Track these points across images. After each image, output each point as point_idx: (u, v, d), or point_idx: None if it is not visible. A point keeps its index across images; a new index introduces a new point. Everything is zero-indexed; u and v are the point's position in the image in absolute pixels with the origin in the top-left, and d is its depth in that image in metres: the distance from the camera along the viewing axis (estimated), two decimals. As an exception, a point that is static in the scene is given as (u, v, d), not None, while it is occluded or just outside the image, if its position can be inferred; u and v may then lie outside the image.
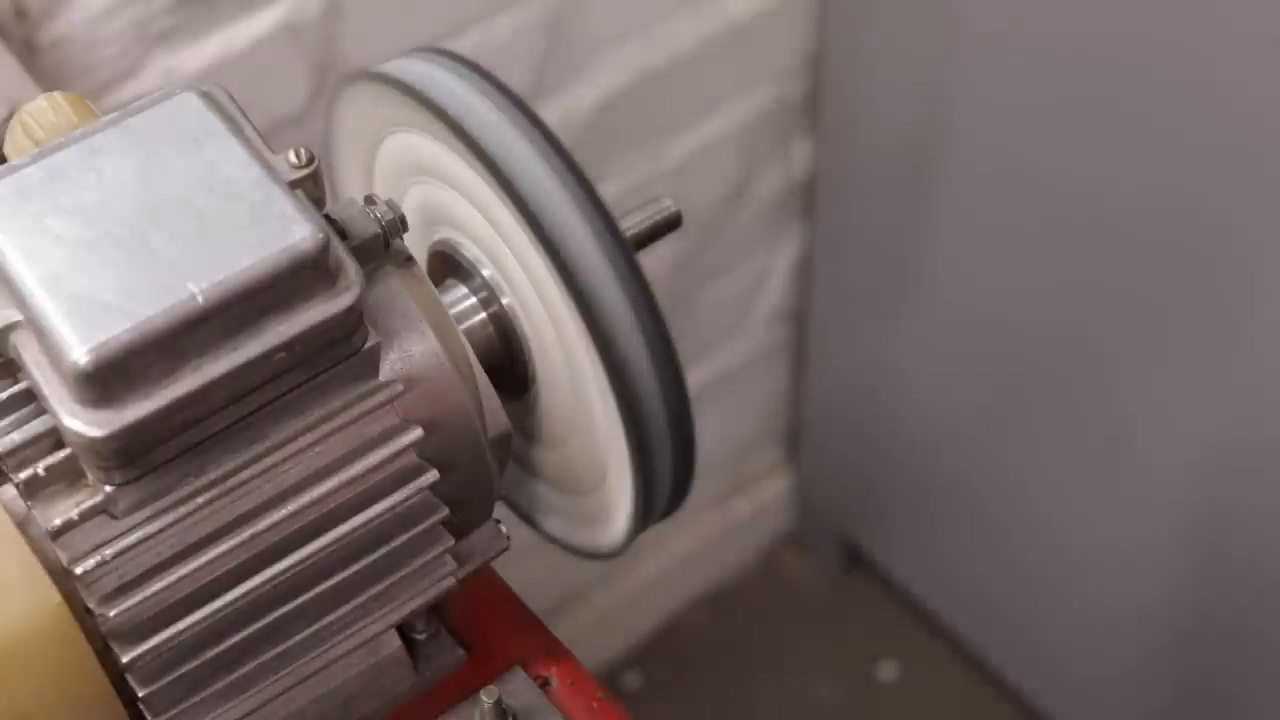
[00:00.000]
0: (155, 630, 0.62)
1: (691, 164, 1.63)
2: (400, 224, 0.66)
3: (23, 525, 0.61)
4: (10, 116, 0.69)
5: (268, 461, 0.62)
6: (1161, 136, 1.34)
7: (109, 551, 0.60)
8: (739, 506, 2.04)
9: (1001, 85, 1.45)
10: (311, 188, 0.63)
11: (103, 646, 0.62)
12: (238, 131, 0.62)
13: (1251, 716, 1.64)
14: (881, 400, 1.83)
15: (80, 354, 0.57)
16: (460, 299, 0.74)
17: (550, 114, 1.45)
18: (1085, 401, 1.58)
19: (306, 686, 0.68)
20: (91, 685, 0.63)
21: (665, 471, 0.72)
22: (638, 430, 0.69)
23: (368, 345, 0.63)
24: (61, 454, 0.60)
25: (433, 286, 0.69)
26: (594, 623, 1.96)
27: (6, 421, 0.61)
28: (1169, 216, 1.38)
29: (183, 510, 0.61)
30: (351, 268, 0.61)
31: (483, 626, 0.75)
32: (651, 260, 0.72)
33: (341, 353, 0.62)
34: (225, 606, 0.63)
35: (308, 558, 0.64)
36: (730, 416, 1.93)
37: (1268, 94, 1.23)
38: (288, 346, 0.60)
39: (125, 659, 0.62)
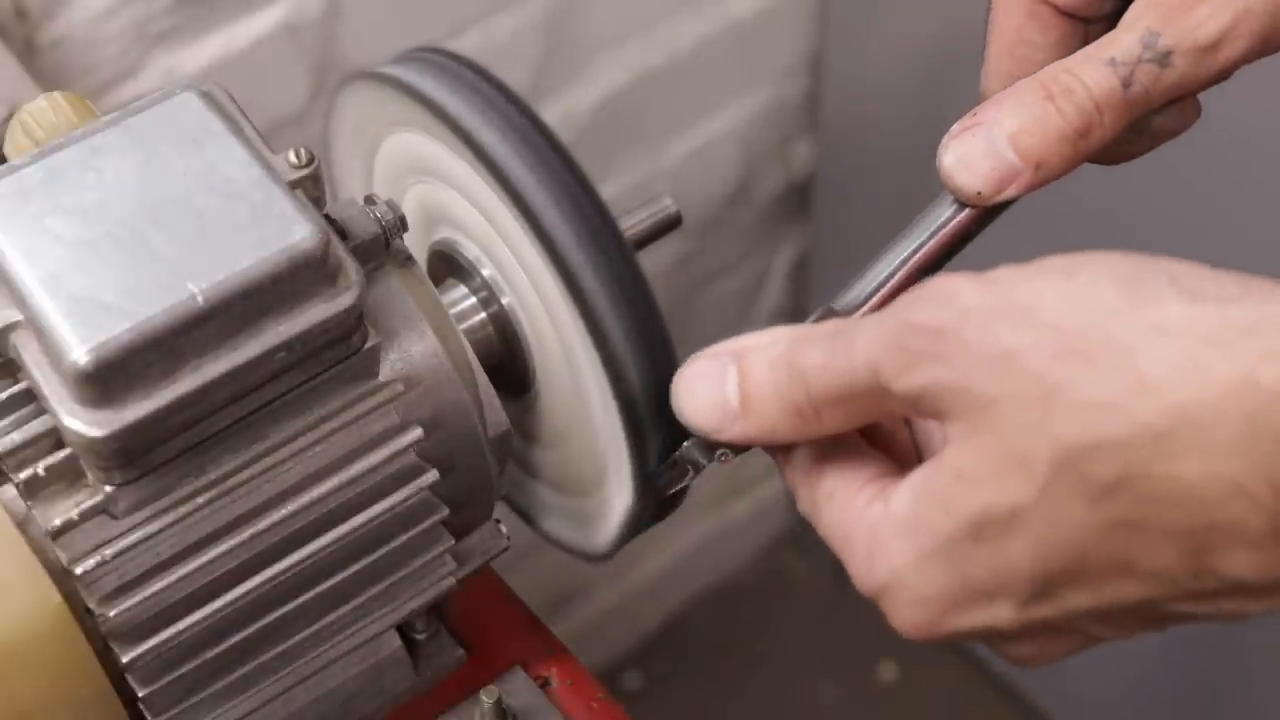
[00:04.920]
0: (155, 630, 0.62)
1: (691, 164, 1.63)
2: (400, 224, 0.66)
3: (23, 525, 0.61)
4: (10, 116, 0.69)
5: (268, 461, 0.62)
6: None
7: (109, 551, 0.60)
8: (738, 507, 2.05)
9: (1001, 85, 1.45)
10: (311, 188, 0.63)
11: (103, 646, 0.62)
12: (238, 131, 0.62)
13: (1250, 714, 1.64)
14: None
15: (80, 354, 0.57)
16: (460, 299, 0.74)
17: (550, 114, 1.45)
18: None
19: (306, 686, 0.68)
20: (91, 685, 0.63)
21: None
22: (636, 431, 0.69)
23: (368, 345, 0.63)
24: (61, 454, 0.60)
25: (433, 286, 0.69)
26: (594, 622, 1.96)
27: (6, 421, 0.61)
28: (1168, 216, 1.38)
29: (183, 510, 0.61)
30: (351, 268, 0.61)
31: (483, 626, 0.75)
32: (651, 260, 0.72)
33: (341, 353, 0.62)
34: (225, 606, 0.63)
35: (308, 558, 0.64)
36: (730, 416, 1.93)
37: (1265, 94, 1.23)
38: (288, 346, 0.60)
39: (125, 659, 0.62)
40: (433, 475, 0.66)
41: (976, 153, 0.61)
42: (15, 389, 0.61)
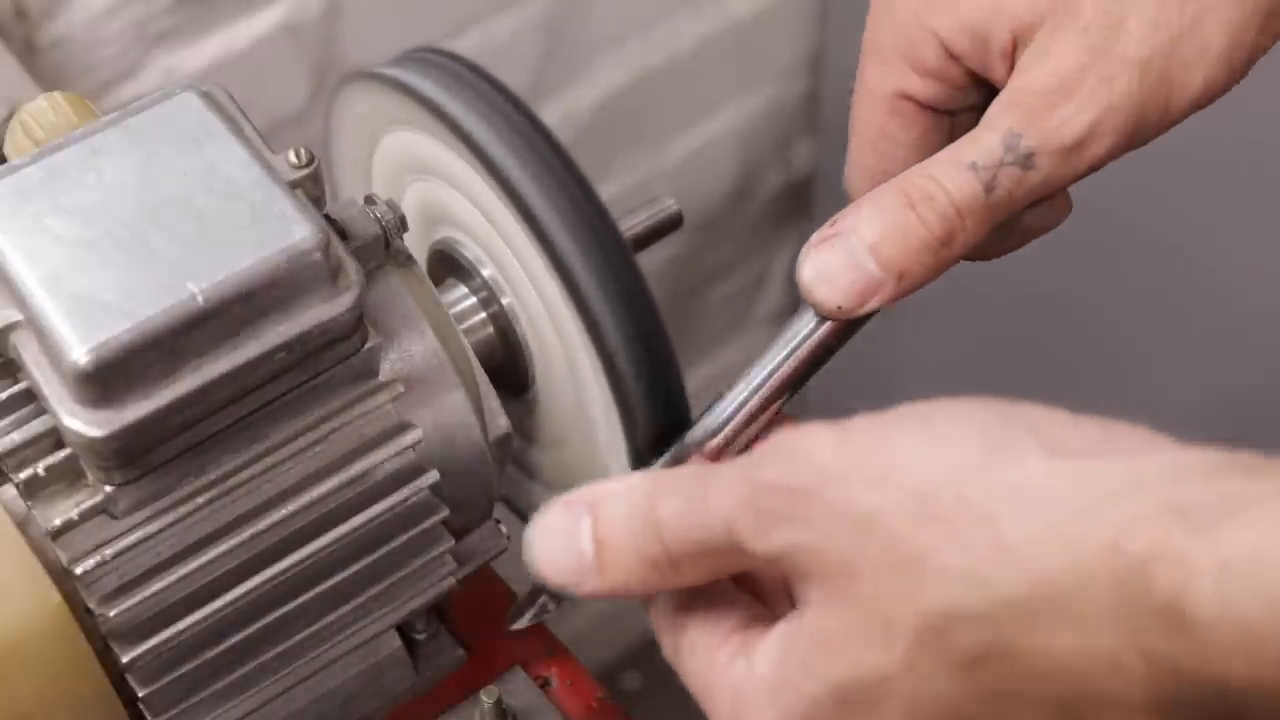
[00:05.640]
0: (155, 630, 0.62)
1: (691, 164, 1.63)
2: (400, 224, 0.66)
3: (23, 525, 0.61)
4: (10, 116, 0.69)
5: (268, 461, 0.62)
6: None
7: (109, 551, 0.60)
8: (739, 506, 2.04)
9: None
10: (311, 188, 0.63)
11: (103, 646, 0.62)
12: (238, 131, 0.62)
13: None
14: (881, 398, 1.83)
15: (80, 354, 0.57)
16: (460, 299, 0.74)
17: (550, 114, 1.45)
18: (1084, 397, 1.58)
19: (306, 686, 0.68)
20: (91, 685, 0.63)
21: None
22: (636, 432, 0.69)
23: (368, 345, 0.63)
24: (61, 454, 0.60)
25: (433, 286, 0.69)
26: (594, 623, 1.96)
27: (6, 421, 0.61)
28: (1167, 211, 1.38)
29: (183, 510, 0.61)
30: (351, 268, 0.61)
31: (483, 626, 0.75)
32: (651, 260, 0.72)
33: (341, 353, 0.62)
34: (225, 606, 0.63)
35: (308, 558, 0.64)
36: (730, 416, 1.93)
37: (1262, 95, 1.23)
38: (288, 346, 0.60)
39: (125, 659, 0.62)
40: (433, 475, 0.66)
41: (836, 265, 0.59)
42: (15, 389, 0.61)
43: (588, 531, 0.54)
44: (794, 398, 0.63)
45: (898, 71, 0.62)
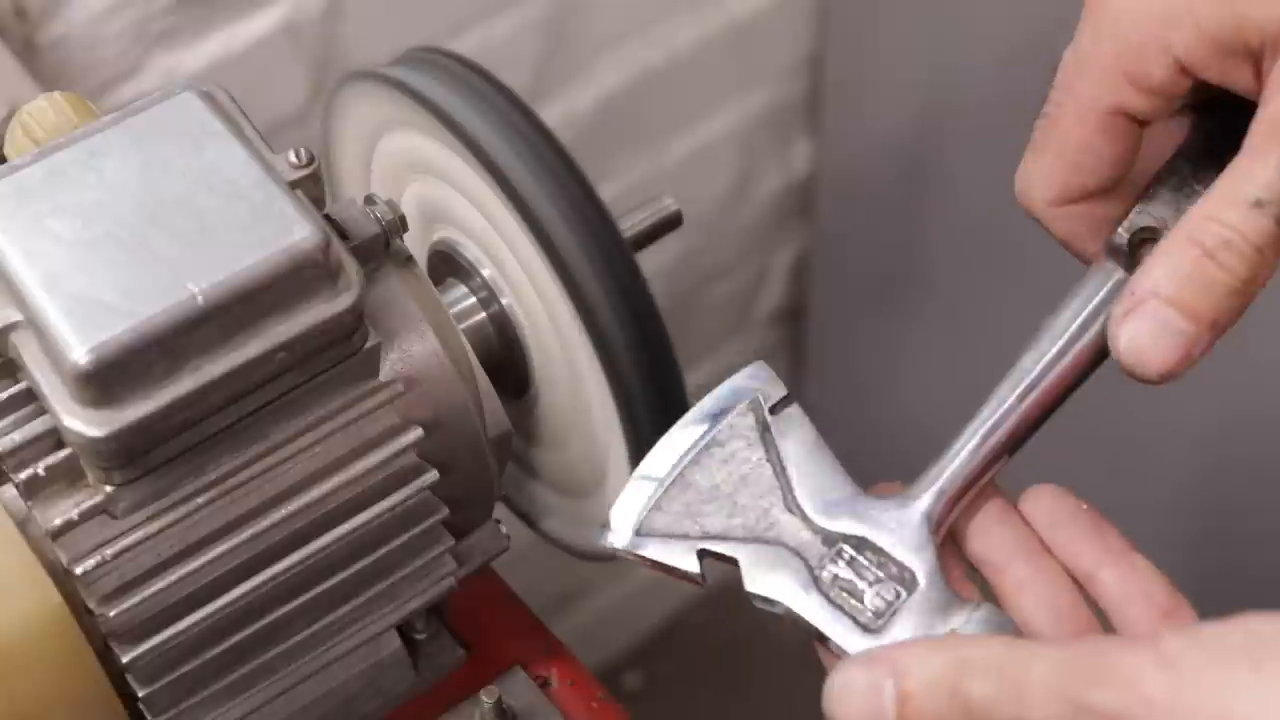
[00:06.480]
0: (155, 630, 0.62)
1: (691, 164, 1.63)
2: (400, 224, 0.66)
3: (23, 525, 0.61)
4: (10, 116, 0.69)
5: (268, 461, 0.62)
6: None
7: (109, 551, 0.60)
8: (739, 506, 2.04)
9: (1001, 84, 1.45)
10: (311, 188, 0.63)
11: (103, 646, 0.62)
12: (238, 131, 0.62)
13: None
14: (881, 400, 1.83)
15: (80, 354, 0.57)
16: (460, 299, 0.74)
17: (550, 114, 1.44)
18: (1085, 396, 1.58)
19: (307, 686, 0.68)
20: (91, 685, 0.63)
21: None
22: (636, 431, 0.69)
23: (368, 345, 0.63)
24: (61, 454, 0.60)
25: (433, 286, 0.69)
26: (594, 623, 1.96)
27: (6, 421, 0.61)
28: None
29: (183, 510, 0.61)
30: (351, 268, 0.61)
31: (483, 626, 0.75)
32: (651, 260, 0.72)
33: (342, 353, 0.62)
34: (225, 606, 0.63)
35: (308, 558, 0.64)
36: (730, 416, 1.93)
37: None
38: (288, 346, 0.60)
39: (125, 659, 0.62)
40: (433, 475, 0.66)
41: (1149, 334, 0.58)
42: (15, 389, 0.61)
43: (891, 693, 0.53)
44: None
45: (1118, 87, 0.61)
